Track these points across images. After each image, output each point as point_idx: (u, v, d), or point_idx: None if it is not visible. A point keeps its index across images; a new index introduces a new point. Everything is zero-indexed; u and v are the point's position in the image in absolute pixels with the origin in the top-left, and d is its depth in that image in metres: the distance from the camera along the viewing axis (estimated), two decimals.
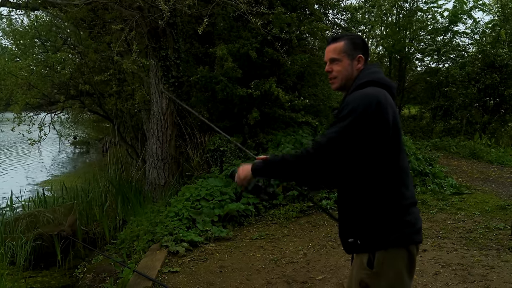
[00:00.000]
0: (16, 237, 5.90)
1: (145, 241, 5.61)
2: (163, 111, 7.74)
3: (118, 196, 7.54)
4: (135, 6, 6.79)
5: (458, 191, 7.48)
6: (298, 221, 6.43)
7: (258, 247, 5.49)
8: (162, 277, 4.70)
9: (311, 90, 9.24)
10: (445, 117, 14.66)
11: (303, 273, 4.65)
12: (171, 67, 7.68)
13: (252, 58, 7.49)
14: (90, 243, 6.57)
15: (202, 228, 5.88)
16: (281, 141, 7.94)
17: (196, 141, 7.82)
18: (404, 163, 2.14)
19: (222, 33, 8.47)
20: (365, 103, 1.99)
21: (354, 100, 2.03)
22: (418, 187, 7.51)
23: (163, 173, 7.76)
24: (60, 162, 17.15)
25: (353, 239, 2.10)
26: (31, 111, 9.88)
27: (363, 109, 1.97)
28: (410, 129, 14.50)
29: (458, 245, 5.18)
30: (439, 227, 5.82)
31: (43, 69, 8.88)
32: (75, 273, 5.56)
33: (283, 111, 8.21)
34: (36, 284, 5.42)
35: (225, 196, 6.46)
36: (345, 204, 2.17)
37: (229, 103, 8.25)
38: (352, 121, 1.97)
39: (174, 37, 7.74)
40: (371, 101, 1.99)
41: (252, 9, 6.72)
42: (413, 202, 2.13)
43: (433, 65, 16.68)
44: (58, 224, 6.32)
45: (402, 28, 16.29)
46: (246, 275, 4.68)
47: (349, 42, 2.24)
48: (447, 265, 4.60)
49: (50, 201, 7.67)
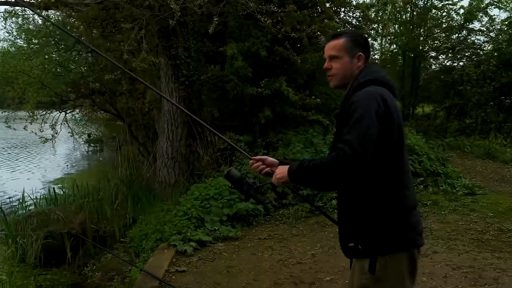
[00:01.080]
0: (26, 234, 5.96)
1: (153, 240, 5.62)
2: (173, 110, 7.75)
3: (129, 195, 7.58)
4: (145, 5, 6.80)
5: (471, 191, 7.35)
6: (308, 221, 6.38)
7: (266, 247, 5.46)
8: (169, 277, 4.70)
9: (322, 88, 9.16)
10: (459, 116, 14.47)
11: (310, 274, 4.60)
12: (181, 66, 7.68)
13: (262, 57, 7.45)
14: (100, 241, 6.61)
15: (210, 228, 5.87)
16: (292, 140, 7.90)
17: (206, 140, 7.81)
18: (406, 164, 2.10)
19: (233, 32, 8.45)
20: (374, 103, 1.94)
21: (362, 101, 1.97)
22: (430, 188, 7.39)
23: (173, 172, 7.77)
24: (74, 160, 17.32)
25: (353, 243, 2.04)
26: (44, 109, 9.97)
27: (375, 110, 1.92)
28: (424, 128, 14.30)
29: (469, 247, 5.08)
30: (450, 229, 5.72)
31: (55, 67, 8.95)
32: (84, 271, 5.61)
33: (294, 110, 8.17)
34: (45, 282, 5.48)
35: (234, 196, 6.42)
36: (346, 208, 2.12)
37: (239, 102, 8.23)
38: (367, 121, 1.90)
39: (185, 36, 7.74)
40: (379, 101, 1.95)
41: (261, 8, 6.69)
42: (414, 205, 2.09)
43: (448, 63, 16.54)
44: (68, 222, 6.37)
45: (416, 26, 16.14)
46: (254, 275, 4.66)
47: (350, 40, 2.17)
48: (457, 267, 4.51)
49: (61, 199, 7.73)
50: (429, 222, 5.91)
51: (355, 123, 1.90)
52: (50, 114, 9.99)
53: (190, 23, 7.98)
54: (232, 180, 2.42)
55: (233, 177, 2.42)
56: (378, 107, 1.92)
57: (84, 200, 7.42)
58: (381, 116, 1.91)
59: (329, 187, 2.21)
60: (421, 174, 7.56)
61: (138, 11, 6.90)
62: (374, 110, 1.91)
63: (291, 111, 8.13)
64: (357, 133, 1.88)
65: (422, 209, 6.40)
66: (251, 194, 2.40)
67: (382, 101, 1.94)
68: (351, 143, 1.85)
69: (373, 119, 1.90)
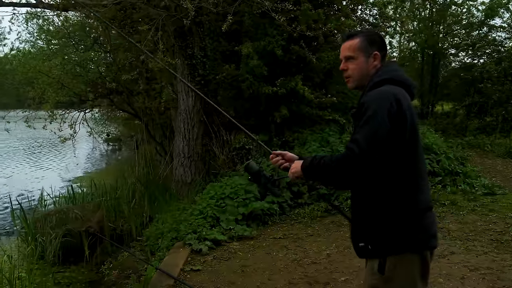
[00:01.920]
0: (46, 232, 6.07)
1: (169, 239, 5.67)
2: (189, 109, 7.79)
3: (146, 194, 7.65)
4: (162, 5, 6.85)
5: (490, 191, 7.21)
6: (323, 221, 6.35)
7: (281, 246, 5.45)
8: (184, 275, 4.73)
9: (339, 87, 9.10)
10: (480, 114, 14.23)
11: (325, 274, 4.58)
12: (197, 66, 7.72)
13: (278, 55, 7.43)
14: (118, 240, 6.69)
15: (225, 227, 5.89)
16: (308, 139, 7.87)
17: (222, 139, 7.84)
18: (421, 166, 2.07)
19: (249, 31, 8.44)
20: (386, 103, 1.92)
21: (374, 100, 1.96)
22: (448, 187, 7.28)
23: (189, 171, 7.82)
24: (93, 159, 17.56)
25: (364, 243, 2.04)
26: (63, 109, 10.12)
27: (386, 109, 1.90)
28: (443, 126, 14.12)
29: (488, 248, 4.98)
30: (468, 229, 5.62)
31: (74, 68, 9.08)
32: (101, 269, 5.68)
33: (310, 109, 8.13)
34: (64, 279, 5.57)
35: (249, 195, 6.43)
36: (358, 207, 2.12)
37: (255, 101, 8.23)
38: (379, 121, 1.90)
39: (201, 36, 7.77)
40: (391, 100, 1.92)
41: (277, 6, 6.67)
42: (428, 206, 2.05)
43: (468, 60, 16.25)
44: (86, 220, 6.45)
45: (435, 22, 15.92)
46: (268, 275, 4.66)
47: (365, 39, 2.16)
48: (475, 268, 4.43)
49: (79, 198, 7.85)
50: (447, 222, 5.83)
51: (365, 123, 1.91)
52: (69, 114, 10.13)
53: (206, 23, 8.01)
54: (250, 172, 2.55)
55: (252, 170, 2.54)
56: (390, 106, 1.91)
57: (102, 199, 7.52)
58: (393, 116, 1.90)
59: (340, 185, 2.25)
60: (439, 173, 7.44)
61: (155, 11, 6.96)
62: (386, 109, 1.90)
63: (307, 110, 8.10)
64: (366, 132, 1.89)
65: (440, 209, 6.31)
66: (268, 187, 2.51)
67: (395, 100, 1.93)
68: (359, 142, 1.87)
69: (384, 118, 1.89)
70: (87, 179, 10.94)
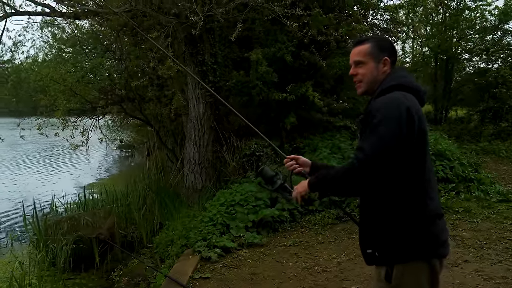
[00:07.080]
0: (57, 239, 6.09)
1: (178, 246, 5.65)
2: (200, 116, 7.79)
3: (156, 200, 7.65)
4: (172, 13, 6.88)
5: (505, 198, 7.07)
6: (334, 228, 6.28)
7: (291, 254, 5.40)
8: (193, 283, 4.70)
9: (350, 93, 9.06)
10: (494, 120, 14.01)
11: (336, 282, 4.52)
12: (208, 72, 7.72)
13: (287, 62, 7.41)
14: (128, 246, 6.69)
15: (235, 234, 5.85)
16: (318, 145, 7.82)
17: (233, 145, 7.82)
18: (430, 173, 2.04)
19: (260, 37, 8.44)
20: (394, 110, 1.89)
21: (382, 107, 1.93)
22: (462, 194, 7.16)
23: (200, 177, 7.81)
24: (106, 165, 17.67)
25: (371, 250, 2.02)
26: (75, 116, 10.20)
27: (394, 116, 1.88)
28: (457, 132, 13.95)
29: (503, 257, 4.88)
30: (483, 237, 5.51)
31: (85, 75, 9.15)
32: (112, 276, 5.68)
33: (321, 115, 8.09)
34: (74, 286, 5.58)
35: (259, 202, 6.39)
36: (366, 213, 2.10)
37: (266, 107, 8.22)
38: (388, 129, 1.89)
39: (211, 42, 7.78)
40: (400, 107, 1.89)
41: (287, 12, 6.66)
42: (437, 214, 2.01)
43: (482, 65, 16.08)
44: (97, 227, 6.47)
45: (448, 27, 15.77)
46: (278, 283, 4.61)
47: (375, 45, 2.16)
48: (490, 278, 4.33)
49: (90, 205, 7.88)
50: (460, 230, 5.73)
51: (373, 130, 1.90)
52: (81, 121, 10.21)
53: (217, 29, 8.03)
54: (264, 177, 2.62)
55: (265, 175, 2.62)
56: (399, 114, 1.88)
57: (113, 206, 7.54)
58: (401, 123, 1.87)
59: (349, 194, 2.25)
60: (452, 180, 7.33)
61: (165, 18, 6.99)
62: (394, 117, 1.88)
63: (318, 116, 8.06)
64: (373, 140, 1.88)
65: (453, 217, 6.21)
66: (280, 192, 2.56)
67: (403, 107, 1.90)
68: (364, 150, 1.88)
69: (392, 125, 1.87)
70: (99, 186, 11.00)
